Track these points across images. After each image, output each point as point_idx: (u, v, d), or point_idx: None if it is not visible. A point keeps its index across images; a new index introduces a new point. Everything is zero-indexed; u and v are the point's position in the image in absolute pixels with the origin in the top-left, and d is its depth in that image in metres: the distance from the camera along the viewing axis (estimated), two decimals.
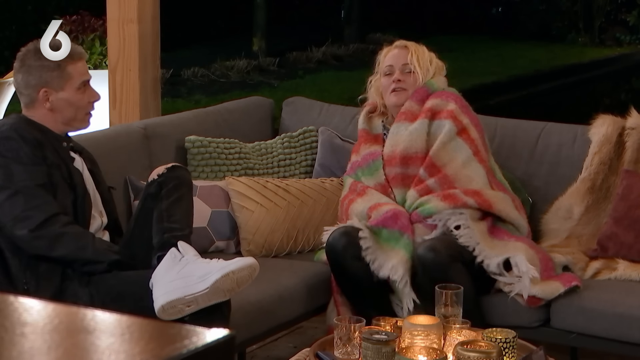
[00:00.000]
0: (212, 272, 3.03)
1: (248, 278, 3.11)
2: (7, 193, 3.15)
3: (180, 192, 3.30)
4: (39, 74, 3.30)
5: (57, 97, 3.31)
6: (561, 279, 3.61)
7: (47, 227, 3.13)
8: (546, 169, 4.13)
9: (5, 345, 1.32)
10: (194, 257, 3.12)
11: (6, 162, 3.17)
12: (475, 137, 3.88)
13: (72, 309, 1.46)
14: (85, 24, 5.57)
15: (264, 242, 3.95)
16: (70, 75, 3.32)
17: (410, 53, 3.99)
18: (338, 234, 3.66)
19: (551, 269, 3.66)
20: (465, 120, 3.89)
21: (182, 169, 3.42)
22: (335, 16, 16.98)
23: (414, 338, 2.91)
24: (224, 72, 12.85)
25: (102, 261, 3.18)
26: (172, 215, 3.24)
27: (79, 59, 3.36)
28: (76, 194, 3.28)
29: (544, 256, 3.68)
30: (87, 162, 3.43)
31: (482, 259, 3.60)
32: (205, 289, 3.01)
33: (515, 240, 3.69)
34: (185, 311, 3.04)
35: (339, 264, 3.66)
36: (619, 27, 17.39)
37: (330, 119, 4.53)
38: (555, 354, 3.20)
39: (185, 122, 4.31)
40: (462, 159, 3.82)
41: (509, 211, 3.79)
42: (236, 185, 4.00)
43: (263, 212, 3.96)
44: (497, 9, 19.28)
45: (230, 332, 1.37)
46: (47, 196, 3.18)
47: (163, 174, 3.34)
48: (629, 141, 3.99)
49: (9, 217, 3.15)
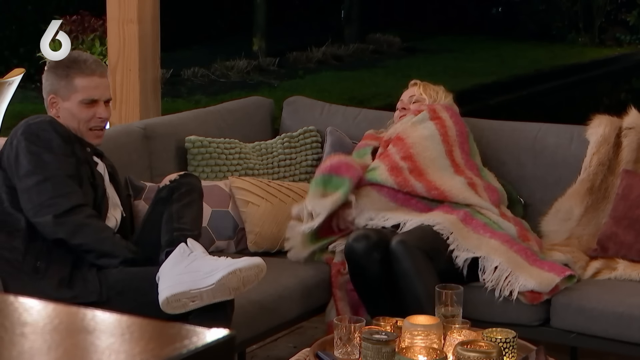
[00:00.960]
0: (219, 268, 3.05)
1: (254, 278, 3.11)
2: (36, 179, 3.19)
3: (191, 197, 3.35)
4: (51, 80, 3.38)
5: (63, 106, 3.36)
6: (553, 269, 3.62)
7: (71, 215, 3.18)
8: (544, 170, 4.14)
9: (5, 345, 1.32)
10: (203, 253, 3.14)
11: (38, 150, 3.22)
12: (448, 126, 4.00)
13: (72, 309, 1.47)
14: (85, 24, 5.58)
15: (269, 236, 3.96)
16: (75, 87, 3.35)
17: (418, 86, 4.23)
18: (358, 237, 3.70)
19: (533, 254, 3.69)
20: (443, 114, 4.03)
21: (194, 177, 3.48)
22: (335, 16, 16.99)
23: (414, 338, 2.91)
24: (224, 72, 12.86)
25: (118, 256, 3.21)
26: (182, 217, 3.28)
27: (91, 74, 3.36)
28: (97, 193, 3.33)
29: (520, 247, 3.70)
30: (108, 167, 3.48)
31: (454, 249, 3.67)
32: (211, 285, 3.02)
33: (490, 236, 3.72)
34: (189, 306, 3.04)
35: (359, 266, 3.69)
36: (619, 27, 17.40)
37: (332, 119, 4.53)
38: (555, 353, 3.20)
39: (185, 122, 4.31)
40: (426, 133, 3.97)
41: (468, 196, 3.86)
42: (240, 184, 4.01)
43: (269, 207, 3.98)
44: (497, 9, 19.29)
45: (230, 332, 1.37)
46: (75, 186, 3.23)
47: (175, 180, 3.40)
48: (627, 141, 3.99)
49: (36, 202, 3.18)
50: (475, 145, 4.10)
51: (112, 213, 3.41)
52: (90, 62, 3.40)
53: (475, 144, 4.10)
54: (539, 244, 3.85)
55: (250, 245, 3.93)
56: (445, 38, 16.56)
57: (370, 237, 3.67)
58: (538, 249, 3.79)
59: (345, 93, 11.55)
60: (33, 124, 3.27)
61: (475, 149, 4.08)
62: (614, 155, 4.00)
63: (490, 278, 3.61)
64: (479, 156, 4.09)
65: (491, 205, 3.87)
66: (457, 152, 3.98)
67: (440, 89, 4.22)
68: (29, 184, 3.19)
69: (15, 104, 6.02)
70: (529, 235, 3.84)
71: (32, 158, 3.20)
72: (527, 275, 3.58)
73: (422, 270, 3.55)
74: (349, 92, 11.78)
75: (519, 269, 3.60)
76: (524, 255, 3.67)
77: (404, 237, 3.63)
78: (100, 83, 3.39)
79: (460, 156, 3.99)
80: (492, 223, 3.79)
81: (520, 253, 3.67)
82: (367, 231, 3.73)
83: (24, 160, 3.21)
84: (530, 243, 3.77)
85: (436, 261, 3.61)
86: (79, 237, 3.18)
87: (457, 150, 3.99)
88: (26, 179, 3.20)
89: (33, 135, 3.23)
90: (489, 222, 3.78)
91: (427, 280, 3.52)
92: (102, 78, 3.40)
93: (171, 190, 3.36)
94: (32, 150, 3.21)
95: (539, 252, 3.77)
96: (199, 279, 3.04)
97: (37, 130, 3.25)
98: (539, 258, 3.69)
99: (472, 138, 4.10)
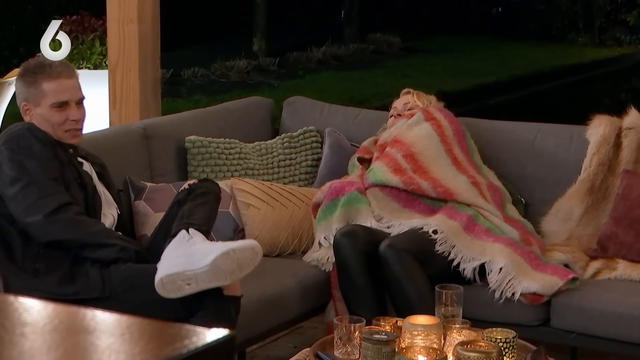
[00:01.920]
0: (214, 250, 3.05)
1: (250, 261, 3.09)
2: (20, 184, 3.22)
3: (205, 199, 3.36)
4: (20, 88, 3.41)
5: (35, 112, 3.38)
6: (557, 272, 3.62)
7: (61, 213, 3.19)
8: (544, 170, 4.13)
9: (5, 345, 1.32)
10: (202, 240, 3.14)
11: (20, 157, 3.25)
12: (444, 126, 4.01)
13: (72, 309, 1.47)
14: (85, 24, 5.58)
15: (269, 239, 3.95)
16: (44, 93, 3.36)
17: (411, 94, 4.25)
18: (345, 232, 3.70)
19: (536, 258, 3.69)
20: (437, 115, 4.05)
21: (214, 183, 3.49)
22: (335, 16, 16.97)
23: (414, 338, 2.91)
24: (224, 72, 12.84)
25: (114, 244, 3.21)
26: (193, 214, 3.28)
27: (57, 77, 3.36)
28: (87, 192, 3.35)
29: (524, 250, 3.70)
30: (95, 166, 3.49)
31: (459, 263, 3.65)
32: (205, 267, 3.01)
33: (493, 241, 3.71)
34: (185, 290, 3.03)
35: (343, 262, 3.68)
36: (619, 27, 17.37)
37: (332, 119, 4.53)
38: (555, 353, 3.20)
39: (185, 122, 4.31)
40: (424, 133, 3.99)
41: (471, 195, 3.85)
42: (242, 186, 4.01)
43: (270, 210, 3.98)
44: (497, 9, 19.26)
45: (230, 332, 1.37)
46: (59, 188, 3.25)
47: (194, 183, 3.43)
48: (627, 141, 3.99)
49: (23, 206, 3.20)
50: (473, 142, 4.10)
51: (107, 211, 3.42)
52: (56, 65, 3.40)
53: (473, 141, 4.10)
54: (541, 246, 3.84)
55: None
56: (445, 38, 16.53)
57: (356, 233, 3.67)
58: (540, 252, 3.79)
59: (345, 93, 11.55)
60: (12, 133, 3.31)
61: (473, 146, 4.09)
62: (614, 155, 4.00)
63: (495, 278, 3.61)
64: (477, 154, 4.09)
65: (495, 208, 3.87)
66: (457, 150, 3.99)
67: (432, 98, 4.26)
68: (14, 191, 3.22)
69: (15, 104, 6.01)
70: (532, 239, 3.83)
71: (14, 166, 3.24)
72: (530, 278, 3.58)
73: (412, 273, 3.55)
74: (349, 92, 11.77)
75: (522, 273, 3.59)
76: (528, 259, 3.67)
77: (393, 241, 3.63)
78: (68, 85, 3.38)
79: (461, 154, 3.99)
80: (494, 228, 3.78)
81: (524, 256, 3.67)
82: (355, 227, 3.72)
83: (7, 168, 3.24)
84: (532, 247, 3.77)
85: (427, 264, 3.60)
86: (72, 233, 3.20)
87: (457, 148, 3.99)
88: (11, 187, 3.23)
89: (14, 144, 3.27)
90: (492, 227, 3.78)
91: (417, 283, 3.52)
92: (70, 79, 3.39)
93: (188, 193, 3.38)
94: (13, 158, 3.25)
95: (542, 255, 3.76)
96: (194, 261, 3.03)
97: (17, 138, 3.28)
98: (542, 262, 3.69)
99: (470, 136, 4.10)
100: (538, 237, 3.91)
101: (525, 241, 3.77)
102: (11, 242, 3.26)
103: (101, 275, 3.19)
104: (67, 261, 3.22)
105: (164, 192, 3.88)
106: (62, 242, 3.21)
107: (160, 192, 3.88)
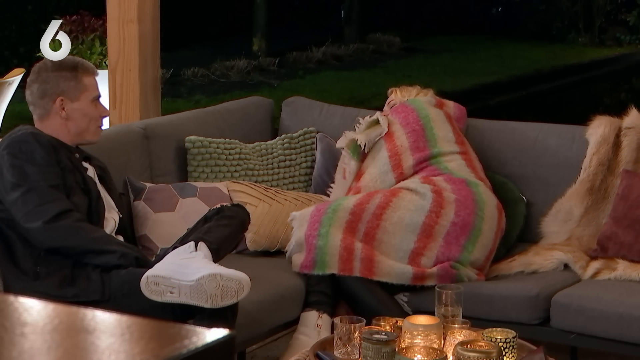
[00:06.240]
0: (205, 269, 3.07)
1: (233, 292, 3.08)
2: (20, 191, 3.23)
3: (229, 221, 3.41)
4: (57, 82, 3.41)
5: (72, 107, 3.41)
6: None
7: (60, 220, 3.20)
8: (546, 171, 4.13)
9: (5, 345, 1.32)
10: (204, 257, 3.16)
11: (21, 163, 3.26)
12: (397, 137, 4.02)
13: (72, 309, 1.47)
14: (85, 24, 5.58)
15: (268, 234, 3.96)
16: (85, 86, 3.43)
17: (395, 92, 4.31)
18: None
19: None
20: (394, 127, 4.06)
21: (245, 210, 3.55)
22: (335, 16, 16.97)
23: (414, 338, 2.91)
24: (224, 72, 12.84)
25: (115, 250, 3.22)
26: (211, 232, 3.33)
27: (93, 73, 3.49)
28: (90, 198, 3.37)
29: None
30: (97, 169, 3.51)
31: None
32: (190, 281, 3.04)
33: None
34: (167, 296, 3.06)
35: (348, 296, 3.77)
36: (619, 27, 17.38)
37: (331, 119, 4.53)
38: (555, 353, 3.20)
39: (185, 122, 4.31)
40: (375, 173, 4.02)
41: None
42: (238, 187, 4.02)
43: (266, 207, 3.98)
44: (497, 9, 19.27)
45: (230, 332, 1.37)
46: (59, 195, 3.26)
47: (225, 205, 3.51)
48: (627, 141, 3.99)
49: (23, 212, 3.21)
50: (444, 128, 4.03)
51: (108, 215, 3.43)
52: (89, 63, 3.53)
53: (446, 126, 4.04)
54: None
55: (249, 244, 3.93)
56: (445, 38, 16.53)
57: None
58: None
59: (345, 93, 11.55)
60: (15, 137, 3.32)
61: (437, 134, 4.01)
62: (614, 155, 4.00)
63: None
64: (447, 141, 4.01)
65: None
66: (406, 161, 3.98)
67: (415, 88, 4.27)
68: (15, 196, 3.23)
69: (15, 104, 6.01)
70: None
71: (15, 171, 3.25)
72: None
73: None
74: (348, 92, 11.77)
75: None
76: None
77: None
78: (97, 82, 3.51)
79: (411, 159, 3.97)
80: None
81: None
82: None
83: (8, 174, 3.25)
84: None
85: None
86: (72, 240, 3.21)
87: (407, 155, 3.98)
88: (12, 192, 3.24)
89: (16, 149, 3.28)
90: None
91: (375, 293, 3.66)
92: (97, 76, 3.53)
93: (216, 212, 3.43)
94: (14, 163, 3.26)
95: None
96: (183, 272, 3.06)
97: (19, 143, 3.29)
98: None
99: (440, 122, 4.05)
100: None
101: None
102: (12, 245, 3.26)
103: (101, 279, 3.20)
104: (68, 264, 3.23)
105: (163, 193, 3.88)
106: (62, 248, 3.22)
107: (160, 193, 3.88)
